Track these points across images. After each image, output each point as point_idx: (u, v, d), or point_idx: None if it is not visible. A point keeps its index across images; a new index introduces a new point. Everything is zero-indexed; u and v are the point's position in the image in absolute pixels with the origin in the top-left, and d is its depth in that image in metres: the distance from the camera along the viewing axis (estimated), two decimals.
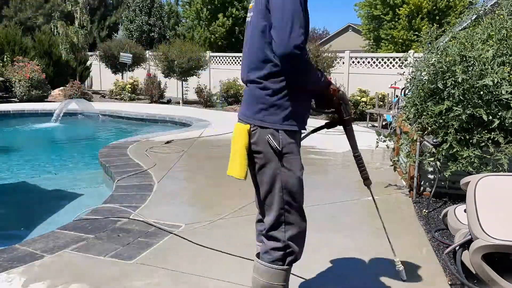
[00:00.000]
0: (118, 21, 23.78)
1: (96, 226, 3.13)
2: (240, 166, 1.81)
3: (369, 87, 10.19)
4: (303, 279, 2.42)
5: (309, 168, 5.10)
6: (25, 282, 2.35)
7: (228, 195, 3.93)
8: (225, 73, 13.72)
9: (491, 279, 2.13)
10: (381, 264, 2.63)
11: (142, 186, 4.13)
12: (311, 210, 3.60)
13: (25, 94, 12.66)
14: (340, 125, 2.04)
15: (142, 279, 2.39)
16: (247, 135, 1.80)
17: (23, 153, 7.09)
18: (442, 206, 3.68)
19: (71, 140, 8.59)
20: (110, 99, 14.31)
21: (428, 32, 4.11)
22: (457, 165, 3.42)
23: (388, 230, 3.20)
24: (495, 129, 3.35)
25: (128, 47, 14.76)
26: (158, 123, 9.72)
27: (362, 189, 4.26)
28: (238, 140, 1.82)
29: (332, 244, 2.90)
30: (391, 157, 5.21)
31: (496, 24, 3.77)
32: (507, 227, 2.09)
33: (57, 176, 5.49)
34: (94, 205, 3.56)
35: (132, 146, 6.05)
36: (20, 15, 23.08)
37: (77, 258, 2.63)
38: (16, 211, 4.25)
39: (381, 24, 16.52)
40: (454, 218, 2.70)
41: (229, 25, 17.59)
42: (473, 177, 2.36)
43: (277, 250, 1.84)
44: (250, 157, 1.83)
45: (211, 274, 2.46)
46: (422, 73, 3.92)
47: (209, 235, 3.02)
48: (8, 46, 14.87)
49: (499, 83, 3.24)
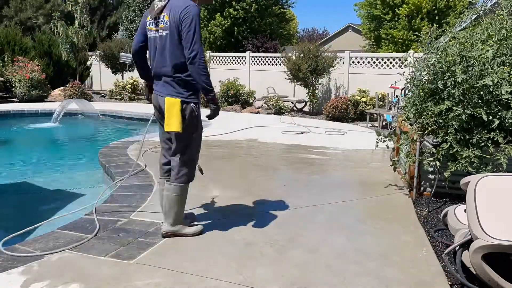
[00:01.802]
0: (118, 21, 23.77)
1: (96, 226, 3.13)
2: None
3: (369, 87, 10.20)
4: (303, 279, 2.42)
5: (309, 168, 5.11)
6: (25, 282, 2.35)
7: (228, 195, 3.93)
8: (225, 73, 13.72)
9: (491, 279, 2.13)
10: (381, 264, 2.63)
11: (142, 186, 4.13)
12: (311, 210, 3.61)
13: (25, 94, 12.66)
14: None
15: (142, 279, 2.40)
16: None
17: (23, 153, 7.09)
18: (442, 206, 3.68)
19: (71, 140, 8.59)
20: (110, 99, 14.31)
21: (428, 32, 4.12)
22: (457, 165, 3.42)
23: (388, 230, 3.21)
24: (495, 129, 3.35)
25: (128, 47, 14.75)
26: None
27: (362, 189, 4.28)
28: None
29: (332, 244, 2.91)
30: (391, 157, 5.21)
31: (496, 24, 3.77)
32: (507, 227, 2.09)
33: (57, 176, 5.49)
34: (94, 205, 3.55)
35: (132, 146, 6.05)
36: (20, 15, 23.09)
37: (77, 258, 2.63)
38: (16, 211, 4.25)
39: (381, 24, 16.52)
40: (454, 218, 2.70)
41: (227, 25, 17.59)
42: (473, 177, 2.36)
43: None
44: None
45: (211, 274, 2.46)
46: (422, 73, 3.92)
47: (209, 235, 3.02)
48: (8, 46, 14.88)
49: (499, 83, 3.24)
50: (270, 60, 13.31)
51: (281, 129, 8.06)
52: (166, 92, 2.76)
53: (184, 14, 2.60)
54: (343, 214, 3.52)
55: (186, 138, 2.82)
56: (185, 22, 2.60)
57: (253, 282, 2.38)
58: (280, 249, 2.82)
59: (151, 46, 2.82)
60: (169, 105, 2.71)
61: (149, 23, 2.79)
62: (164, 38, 2.69)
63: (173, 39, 2.66)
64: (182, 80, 2.73)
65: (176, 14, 2.62)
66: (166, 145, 2.98)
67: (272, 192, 4.10)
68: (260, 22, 18.18)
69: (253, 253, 2.76)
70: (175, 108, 2.70)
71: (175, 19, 2.62)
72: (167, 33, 2.67)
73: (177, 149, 2.85)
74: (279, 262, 2.63)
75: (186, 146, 2.85)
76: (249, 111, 11.36)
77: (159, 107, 2.86)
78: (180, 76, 2.72)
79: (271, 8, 18.62)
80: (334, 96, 11.17)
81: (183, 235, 2.94)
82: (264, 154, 5.77)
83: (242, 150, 5.87)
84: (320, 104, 11.20)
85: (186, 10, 2.61)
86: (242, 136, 7.05)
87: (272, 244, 2.88)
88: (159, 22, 2.71)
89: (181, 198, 2.88)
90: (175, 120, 2.70)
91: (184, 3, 2.65)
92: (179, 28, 2.62)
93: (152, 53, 2.83)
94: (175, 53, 2.68)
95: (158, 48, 2.75)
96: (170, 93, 2.74)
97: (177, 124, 2.70)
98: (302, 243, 2.91)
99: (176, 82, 2.73)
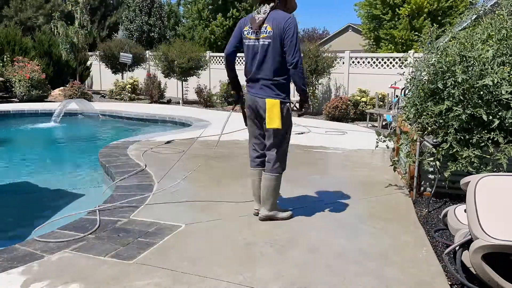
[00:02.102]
0: (118, 21, 23.75)
1: (96, 226, 3.13)
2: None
3: (369, 87, 10.20)
4: (303, 279, 2.42)
5: (310, 168, 5.11)
6: (25, 282, 2.35)
7: (228, 195, 3.93)
8: (225, 73, 13.71)
9: (491, 279, 2.13)
10: (381, 264, 2.63)
11: (142, 186, 4.13)
12: (311, 210, 3.61)
13: (25, 94, 12.66)
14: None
15: (142, 279, 2.40)
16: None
17: (23, 153, 7.09)
18: (442, 206, 3.68)
19: (71, 140, 8.59)
20: (110, 99, 14.31)
21: (428, 32, 4.12)
22: (457, 165, 3.42)
23: (388, 230, 3.21)
24: (495, 129, 3.35)
25: (128, 47, 14.76)
26: (158, 123, 9.73)
27: (362, 189, 4.28)
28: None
29: (332, 244, 2.91)
30: (391, 157, 5.21)
31: (496, 24, 3.77)
32: (507, 227, 2.09)
33: (57, 176, 5.49)
34: (94, 205, 3.56)
35: (132, 146, 6.05)
36: (20, 15, 23.08)
37: (77, 258, 2.63)
38: (16, 211, 4.25)
39: (381, 24, 16.51)
40: (454, 218, 2.70)
41: (228, 25, 17.59)
42: (473, 177, 2.36)
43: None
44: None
45: (211, 274, 2.46)
46: (422, 73, 3.92)
47: (209, 235, 3.02)
48: (8, 46, 14.88)
49: (499, 83, 3.24)
50: None
51: None
52: (265, 94, 3.09)
53: (287, 25, 2.98)
54: (343, 214, 3.52)
55: (282, 134, 3.17)
56: (288, 32, 2.97)
57: (253, 282, 2.38)
58: (280, 249, 2.82)
59: (249, 53, 3.15)
60: (270, 106, 3.05)
61: (248, 32, 3.13)
62: (266, 46, 3.03)
63: (275, 47, 3.00)
64: (280, 83, 3.08)
65: (279, 24, 2.98)
66: (258, 141, 3.33)
67: None
68: None
69: (253, 253, 2.76)
70: (275, 108, 3.04)
71: (278, 30, 2.98)
72: (270, 41, 3.02)
73: (274, 144, 3.18)
74: (279, 262, 2.63)
75: (282, 140, 3.20)
76: None
77: (255, 107, 3.17)
78: (278, 80, 3.07)
79: None
80: (334, 96, 11.17)
81: (279, 219, 3.30)
82: None
83: (242, 150, 5.86)
84: (320, 104, 11.20)
85: (288, 22, 2.98)
86: (242, 136, 7.05)
87: (272, 244, 2.88)
88: (260, 32, 3.05)
89: (277, 186, 3.25)
90: (276, 119, 3.05)
91: (284, 15, 3.03)
92: (282, 37, 2.98)
93: (249, 58, 3.16)
94: (276, 59, 3.03)
95: (258, 55, 3.08)
96: (270, 95, 3.08)
97: (278, 121, 3.05)
98: (302, 243, 2.91)
99: (274, 85, 3.07)
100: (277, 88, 3.08)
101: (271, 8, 3.06)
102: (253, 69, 3.13)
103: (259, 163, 3.34)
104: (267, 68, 3.06)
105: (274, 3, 3.07)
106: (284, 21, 2.99)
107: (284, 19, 2.99)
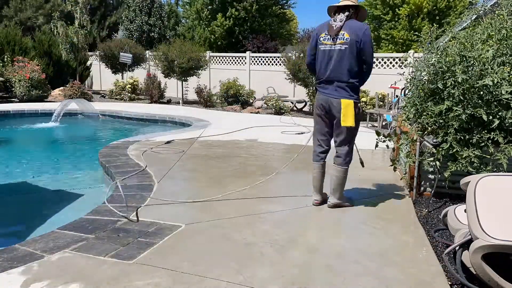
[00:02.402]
0: (118, 21, 23.75)
1: (96, 226, 3.13)
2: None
3: (369, 87, 10.19)
4: (303, 279, 2.42)
5: (309, 168, 5.09)
6: (25, 282, 2.35)
7: (228, 195, 3.93)
8: (225, 73, 13.72)
9: (491, 279, 2.13)
10: (381, 264, 2.63)
11: (142, 186, 4.13)
12: (311, 210, 3.61)
13: (25, 94, 12.66)
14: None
15: (142, 279, 2.39)
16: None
17: (23, 153, 7.09)
18: (442, 206, 3.68)
19: (71, 140, 8.59)
20: (110, 99, 14.31)
21: (428, 32, 4.11)
22: (457, 165, 3.42)
23: (388, 230, 3.21)
24: (495, 129, 3.35)
25: (128, 47, 14.75)
26: (158, 123, 9.73)
27: (362, 189, 4.27)
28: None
29: (332, 244, 2.91)
30: (391, 157, 5.21)
31: (496, 24, 3.77)
32: (507, 227, 2.09)
33: (57, 176, 5.49)
34: (94, 205, 3.56)
35: (132, 146, 6.05)
36: (20, 15, 23.08)
37: (77, 258, 2.63)
38: (16, 211, 4.25)
39: (381, 24, 16.52)
40: (454, 218, 2.70)
41: (228, 25, 17.59)
42: (473, 177, 2.36)
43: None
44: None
45: (211, 274, 2.46)
46: (422, 73, 3.92)
47: (209, 235, 3.02)
48: (8, 46, 14.87)
49: (499, 83, 3.24)
50: (270, 60, 13.31)
51: (281, 129, 8.06)
52: (339, 95, 3.37)
53: (364, 34, 3.30)
54: (343, 214, 3.52)
55: (353, 131, 3.48)
56: (366, 41, 3.30)
57: (253, 282, 2.38)
58: (280, 249, 2.82)
59: (324, 57, 3.41)
60: (345, 106, 3.32)
61: (324, 38, 3.42)
62: (343, 51, 3.31)
63: (352, 52, 3.29)
64: (354, 85, 3.37)
65: (357, 32, 3.28)
66: (325, 137, 3.64)
67: (272, 192, 4.10)
68: (261, 22, 18.20)
69: (253, 253, 2.76)
70: (349, 108, 3.32)
71: (356, 37, 3.28)
72: (346, 47, 3.30)
73: (346, 140, 3.51)
74: (279, 262, 2.63)
75: (352, 137, 3.53)
76: (249, 111, 11.36)
77: (328, 106, 3.44)
78: (352, 82, 3.36)
79: (271, 8, 18.63)
80: None
81: (346, 206, 3.65)
82: (264, 154, 5.76)
83: (242, 150, 5.86)
84: None
85: (366, 31, 3.31)
86: (242, 136, 7.05)
87: (272, 244, 2.88)
88: (338, 38, 3.33)
89: (345, 178, 3.60)
90: (350, 117, 3.33)
91: (361, 25, 3.35)
92: (359, 44, 3.28)
93: (324, 63, 3.42)
94: (352, 63, 3.31)
95: (334, 59, 3.35)
96: (344, 95, 3.36)
97: (351, 120, 3.33)
98: (302, 243, 2.91)
99: (348, 86, 3.36)
100: (351, 89, 3.36)
101: (346, 17, 3.35)
102: (327, 72, 3.40)
103: (322, 158, 3.68)
104: (342, 71, 3.33)
105: (349, 12, 3.36)
106: (362, 31, 3.29)
107: (361, 29, 3.30)
